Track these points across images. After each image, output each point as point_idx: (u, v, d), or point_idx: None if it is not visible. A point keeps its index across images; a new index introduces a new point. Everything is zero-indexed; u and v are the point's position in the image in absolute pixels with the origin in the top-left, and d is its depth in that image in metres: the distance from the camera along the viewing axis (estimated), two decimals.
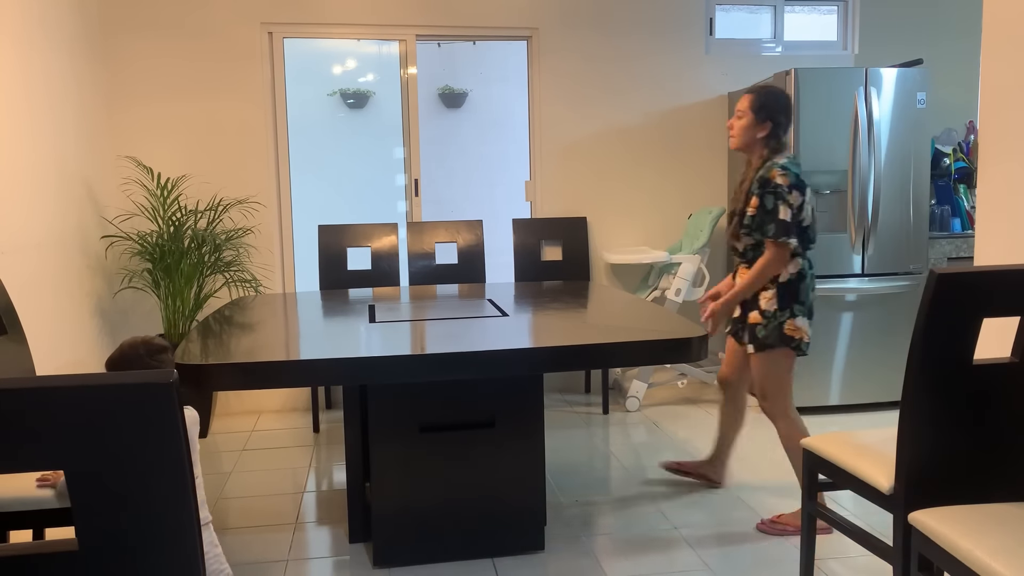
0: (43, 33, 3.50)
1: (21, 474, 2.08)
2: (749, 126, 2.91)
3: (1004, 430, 1.94)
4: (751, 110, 2.89)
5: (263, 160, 4.57)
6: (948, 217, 4.66)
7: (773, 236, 2.81)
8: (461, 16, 4.71)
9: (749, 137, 2.92)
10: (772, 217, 2.81)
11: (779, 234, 2.80)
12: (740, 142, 2.95)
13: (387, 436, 2.68)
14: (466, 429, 2.73)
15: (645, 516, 3.11)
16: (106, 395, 1.25)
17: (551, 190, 4.89)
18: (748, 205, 2.88)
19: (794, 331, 2.86)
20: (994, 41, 2.65)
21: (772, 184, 2.82)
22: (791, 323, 2.86)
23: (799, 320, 2.87)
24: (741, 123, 2.92)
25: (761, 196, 2.84)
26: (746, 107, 2.91)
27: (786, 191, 2.81)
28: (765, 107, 2.88)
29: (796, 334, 2.87)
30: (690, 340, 2.54)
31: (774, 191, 2.81)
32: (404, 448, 2.69)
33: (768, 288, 2.87)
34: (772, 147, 2.91)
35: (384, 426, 2.68)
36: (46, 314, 3.33)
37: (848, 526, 2.21)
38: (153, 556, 1.32)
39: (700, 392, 4.88)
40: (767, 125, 2.89)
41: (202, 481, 2.05)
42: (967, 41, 4.97)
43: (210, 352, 2.51)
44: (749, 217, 2.87)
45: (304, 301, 3.59)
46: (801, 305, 2.88)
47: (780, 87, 3.04)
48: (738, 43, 5.05)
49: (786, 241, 2.80)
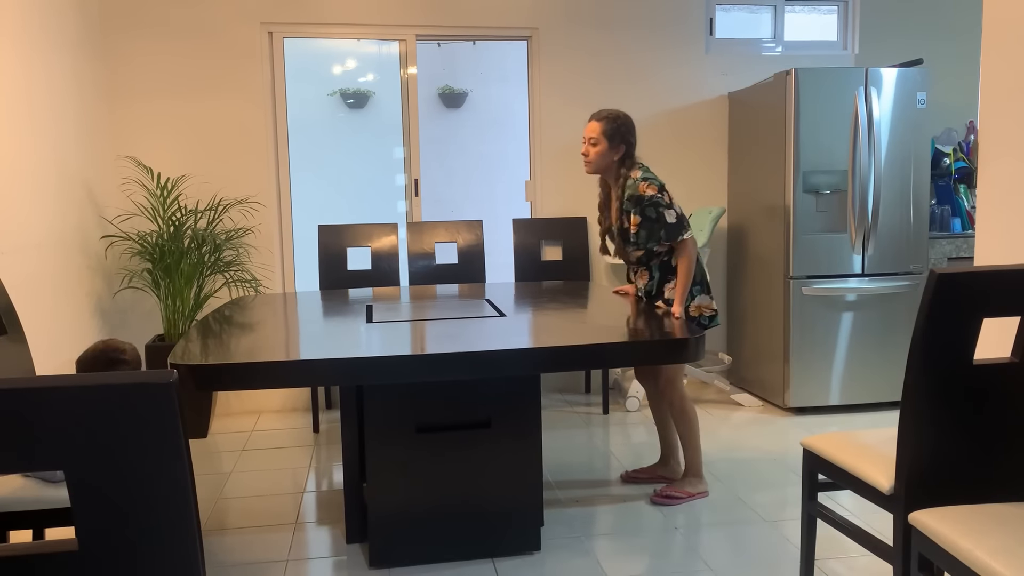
0: (43, 33, 3.50)
1: (21, 474, 2.08)
2: (605, 152, 3.11)
3: (1004, 430, 1.94)
4: (604, 136, 3.09)
5: (263, 160, 4.57)
6: (948, 217, 4.66)
7: (675, 238, 3.07)
8: (461, 16, 4.71)
9: (606, 161, 3.13)
10: (661, 224, 3.06)
11: (677, 234, 3.06)
12: (596, 167, 3.15)
13: (383, 436, 2.68)
14: (462, 430, 2.72)
15: (645, 516, 3.11)
16: (106, 395, 1.25)
17: (551, 190, 4.89)
18: (628, 224, 3.13)
19: (697, 309, 3.18)
20: (994, 41, 2.65)
21: (646, 198, 3.05)
22: (693, 304, 3.17)
23: (699, 299, 3.18)
24: (596, 149, 3.10)
25: (640, 211, 3.07)
26: (598, 134, 3.10)
27: (660, 198, 3.05)
28: (618, 131, 3.09)
29: (699, 311, 3.18)
30: (686, 340, 2.55)
31: (652, 203, 3.05)
32: (400, 449, 2.69)
33: (669, 280, 3.18)
34: (628, 165, 3.12)
35: (380, 426, 2.67)
36: (46, 314, 3.33)
37: (848, 526, 2.21)
38: (153, 556, 1.32)
39: (700, 392, 4.88)
40: (621, 148, 3.11)
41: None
42: (967, 41, 4.97)
43: (191, 353, 2.51)
44: (633, 235, 3.12)
45: (302, 301, 3.59)
46: (699, 285, 3.18)
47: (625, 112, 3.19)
48: (738, 43, 5.05)
49: (686, 235, 3.08)
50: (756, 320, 4.70)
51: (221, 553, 2.87)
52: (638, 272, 3.29)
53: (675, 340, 2.56)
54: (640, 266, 3.25)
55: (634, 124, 3.17)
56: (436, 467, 2.72)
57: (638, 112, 4.89)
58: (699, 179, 5.01)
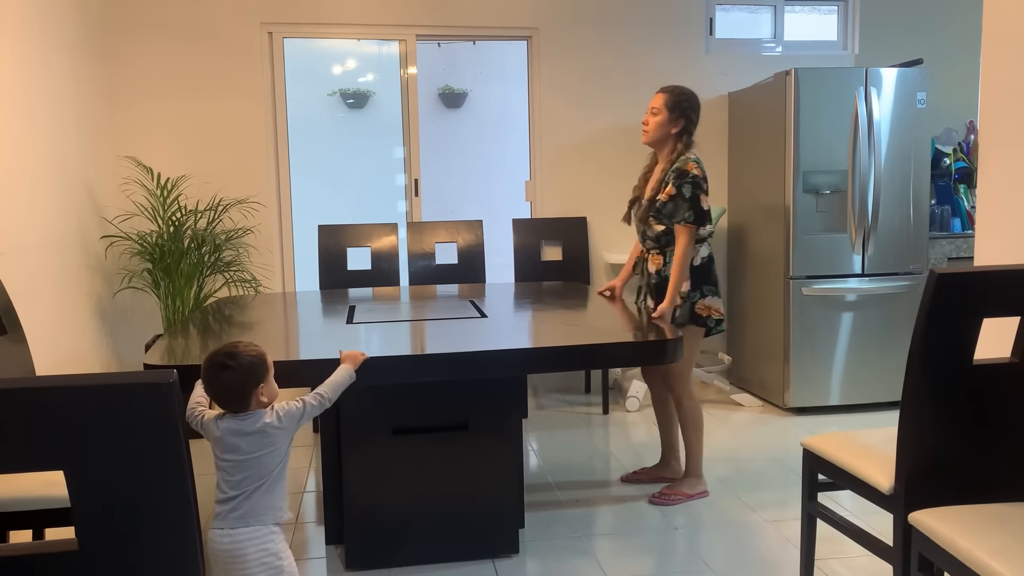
0: (43, 33, 3.50)
1: (21, 474, 2.08)
2: (664, 122, 3.10)
3: (1004, 430, 1.94)
4: (666, 107, 3.08)
5: (263, 160, 4.57)
6: (948, 217, 4.66)
7: (693, 222, 3.04)
8: (461, 16, 4.71)
9: (664, 132, 3.11)
10: (691, 205, 3.04)
11: (699, 220, 3.05)
12: (654, 137, 3.13)
13: (359, 438, 2.64)
14: (439, 432, 2.68)
15: (645, 516, 3.11)
16: (106, 395, 1.25)
17: (551, 190, 4.89)
18: (661, 193, 3.09)
19: (704, 309, 3.13)
20: (994, 41, 2.65)
21: (691, 175, 3.04)
22: (702, 303, 3.13)
23: (709, 299, 3.14)
24: (656, 119, 3.10)
25: (679, 186, 3.05)
26: (661, 104, 3.10)
27: (700, 181, 3.05)
28: (679, 105, 3.08)
29: (706, 312, 3.14)
30: (664, 343, 2.53)
31: (692, 181, 3.04)
32: (376, 451, 2.65)
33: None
34: (685, 142, 3.12)
35: (356, 428, 2.64)
36: (46, 314, 3.33)
37: (848, 526, 2.21)
38: (153, 556, 1.32)
39: (700, 392, 4.88)
40: (680, 122, 3.10)
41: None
42: (967, 41, 4.96)
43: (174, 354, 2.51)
44: (662, 203, 3.09)
45: (290, 301, 3.58)
46: (712, 285, 3.16)
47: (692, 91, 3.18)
48: (738, 43, 5.05)
49: (705, 229, 3.09)
50: (756, 320, 4.70)
51: None
52: (651, 256, 3.19)
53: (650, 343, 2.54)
54: (655, 249, 3.17)
55: (699, 103, 3.14)
56: (412, 469, 2.68)
57: (639, 112, 4.89)
58: None
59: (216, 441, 1.96)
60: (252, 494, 1.94)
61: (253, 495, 1.94)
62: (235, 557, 1.93)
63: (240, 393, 1.95)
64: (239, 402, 1.95)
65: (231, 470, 1.94)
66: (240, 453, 1.93)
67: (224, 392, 1.96)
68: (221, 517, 1.94)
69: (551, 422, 4.38)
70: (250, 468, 1.94)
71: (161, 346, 2.56)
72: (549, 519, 3.09)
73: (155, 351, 2.47)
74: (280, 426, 1.98)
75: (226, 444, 1.94)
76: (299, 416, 2.03)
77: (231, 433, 1.94)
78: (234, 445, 1.94)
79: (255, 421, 1.95)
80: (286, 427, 1.99)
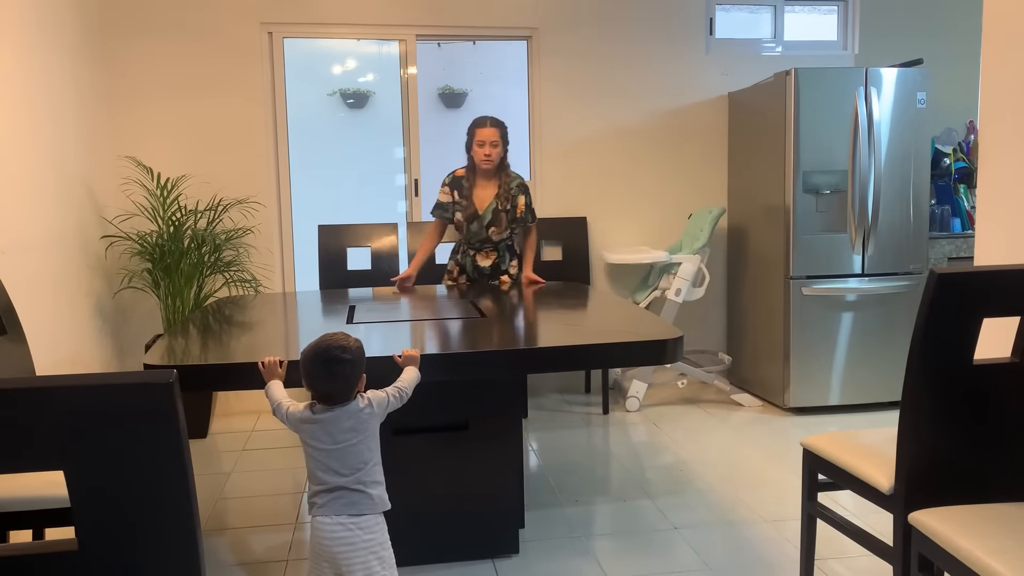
0: (42, 34, 3.50)
1: (21, 474, 2.07)
2: (503, 153, 3.83)
3: (1004, 430, 1.94)
4: (504, 141, 3.82)
5: (263, 160, 4.57)
6: (948, 217, 4.66)
7: (535, 220, 3.96)
8: (461, 16, 4.71)
9: (503, 161, 3.85)
10: (529, 208, 3.88)
11: (534, 218, 3.94)
12: (498, 165, 3.81)
13: None
14: (439, 432, 2.68)
15: (645, 516, 3.11)
16: (106, 395, 1.25)
17: (551, 190, 4.89)
18: (516, 206, 3.82)
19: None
20: (994, 41, 2.65)
21: (525, 186, 3.88)
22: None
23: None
24: (497, 150, 3.80)
25: (526, 196, 3.86)
26: (498, 139, 3.80)
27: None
28: (506, 136, 3.83)
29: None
30: (664, 342, 2.52)
31: (527, 191, 3.87)
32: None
33: (509, 258, 3.91)
34: (507, 163, 3.87)
35: None
36: (46, 314, 3.33)
37: (848, 526, 2.21)
38: (153, 556, 1.32)
39: (700, 392, 4.89)
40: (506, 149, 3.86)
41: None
42: (967, 41, 4.97)
43: (174, 354, 2.51)
44: (522, 214, 3.85)
45: (292, 301, 3.58)
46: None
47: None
48: (738, 43, 5.05)
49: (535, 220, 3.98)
50: (756, 320, 4.70)
51: (221, 553, 2.87)
52: (483, 252, 3.87)
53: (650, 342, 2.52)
54: (491, 246, 3.86)
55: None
56: (413, 469, 2.68)
57: (639, 112, 4.89)
58: (699, 179, 5.01)
59: (311, 433, 1.99)
60: (356, 482, 1.99)
61: (358, 483, 1.99)
62: (347, 545, 1.97)
63: (354, 383, 2.00)
64: (349, 392, 2.00)
65: (332, 459, 1.98)
66: (340, 442, 1.98)
67: (341, 384, 1.99)
68: (324, 506, 1.98)
69: (551, 422, 4.38)
70: (349, 456, 1.98)
71: (161, 346, 2.56)
72: (549, 519, 3.09)
73: (155, 351, 2.47)
74: (373, 412, 2.03)
75: (326, 434, 1.98)
76: (387, 404, 2.07)
77: (331, 422, 1.98)
78: (333, 434, 1.98)
79: (353, 409, 2.00)
80: (377, 413, 2.04)
